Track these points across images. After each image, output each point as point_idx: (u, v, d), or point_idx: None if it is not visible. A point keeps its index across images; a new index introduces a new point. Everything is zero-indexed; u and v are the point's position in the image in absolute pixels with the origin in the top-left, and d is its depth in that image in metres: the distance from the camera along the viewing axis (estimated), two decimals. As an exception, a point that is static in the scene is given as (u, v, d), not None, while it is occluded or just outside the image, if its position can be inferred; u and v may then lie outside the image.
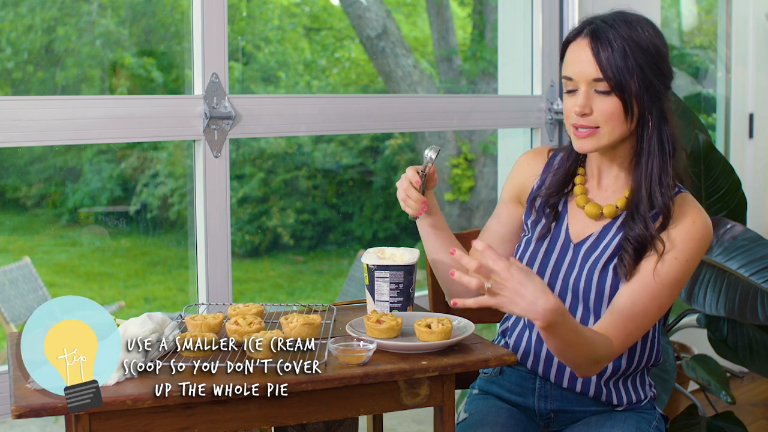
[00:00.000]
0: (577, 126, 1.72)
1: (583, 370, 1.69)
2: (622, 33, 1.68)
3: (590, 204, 1.79)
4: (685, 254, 1.71)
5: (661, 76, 1.71)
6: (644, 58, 1.68)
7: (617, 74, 1.67)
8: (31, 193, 5.45)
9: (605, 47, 1.68)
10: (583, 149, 1.74)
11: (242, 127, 2.34)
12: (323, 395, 1.48)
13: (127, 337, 1.52)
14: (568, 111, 1.73)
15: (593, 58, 1.68)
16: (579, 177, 1.83)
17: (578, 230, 1.81)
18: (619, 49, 1.67)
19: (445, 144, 5.86)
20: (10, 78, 5.03)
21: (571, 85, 1.72)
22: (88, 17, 5.28)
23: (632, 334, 1.69)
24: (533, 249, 1.83)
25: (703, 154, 2.53)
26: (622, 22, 1.70)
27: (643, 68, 1.68)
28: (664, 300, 1.71)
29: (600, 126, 1.70)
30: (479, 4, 6.03)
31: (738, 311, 2.25)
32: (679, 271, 1.70)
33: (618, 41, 1.68)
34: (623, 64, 1.67)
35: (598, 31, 1.69)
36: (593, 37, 1.69)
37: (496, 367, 1.92)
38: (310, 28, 6.46)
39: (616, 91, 1.68)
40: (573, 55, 1.72)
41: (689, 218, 1.72)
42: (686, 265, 1.71)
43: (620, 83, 1.67)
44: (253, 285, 6.05)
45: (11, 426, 3.63)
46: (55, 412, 1.32)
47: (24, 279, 4.58)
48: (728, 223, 2.43)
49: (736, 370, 3.34)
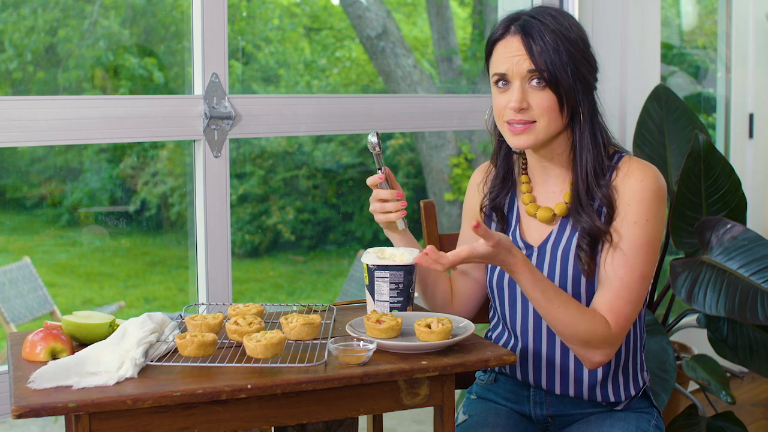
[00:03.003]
0: (512, 122, 1.71)
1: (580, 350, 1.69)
2: (551, 27, 1.69)
3: (541, 209, 1.79)
4: (643, 215, 1.70)
5: (590, 68, 1.72)
6: (574, 50, 1.69)
7: (551, 67, 1.67)
8: (32, 193, 5.45)
9: (537, 41, 1.68)
10: (520, 145, 1.73)
11: (242, 127, 2.34)
12: (323, 395, 1.48)
13: (127, 337, 1.53)
14: (502, 108, 1.72)
15: (526, 52, 1.68)
16: (524, 185, 1.83)
17: (536, 234, 1.81)
18: (550, 42, 1.68)
19: (445, 144, 5.86)
20: (11, 78, 5.03)
21: (502, 82, 1.72)
22: (90, 18, 5.28)
23: (623, 310, 1.68)
24: (500, 268, 1.82)
25: (703, 154, 2.52)
26: (547, 16, 1.71)
27: (574, 60, 1.68)
28: (642, 266, 1.69)
29: (537, 120, 1.70)
30: (479, 4, 6.03)
31: (738, 311, 2.25)
32: (644, 233, 1.69)
33: (548, 35, 1.68)
34: (556, 57, 1.67)
35: (528, 26, 1.69)
36: (524, 33, 1.69)
37: (491, 375, 1.92)
38: (310, 28, 6.46)
39: (551, 84, 1.68)
40: (504, 51, 1.71)
41: (636, 177, 1.71)
42: (648, 224, 1.70)
43: (555, 76, 1.68)
44: (253, 285, 6.05)
45: (11, 426, 3.63)
46: (55, 412, 1.32)
47: (24, 279, 4.58)
48: (728, 223, 2.43)
49: (736, 370, 3.34)
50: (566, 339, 1.69)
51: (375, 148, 1.78)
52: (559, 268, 1.75)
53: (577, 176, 1.74)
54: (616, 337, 1.69)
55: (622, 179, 1.72)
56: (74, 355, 1.49)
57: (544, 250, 1.78)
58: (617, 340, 1.70)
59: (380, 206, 1.81)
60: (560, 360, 1.78)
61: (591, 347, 1.68)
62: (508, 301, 1.82)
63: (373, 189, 1.81)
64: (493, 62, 1.75)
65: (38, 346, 1.53)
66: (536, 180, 1.83)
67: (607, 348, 1.69)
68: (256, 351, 1.45)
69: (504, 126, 1.73)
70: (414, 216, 2.25)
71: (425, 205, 2.13)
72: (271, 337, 1.47)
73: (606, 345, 1.69)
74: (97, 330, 1.61)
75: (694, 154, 2.52)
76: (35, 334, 1.55)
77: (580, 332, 1.66)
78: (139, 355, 1.46)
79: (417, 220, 2.19)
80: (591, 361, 1.71)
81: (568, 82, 1.68)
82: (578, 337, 1.67)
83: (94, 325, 1.61)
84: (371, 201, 1.82)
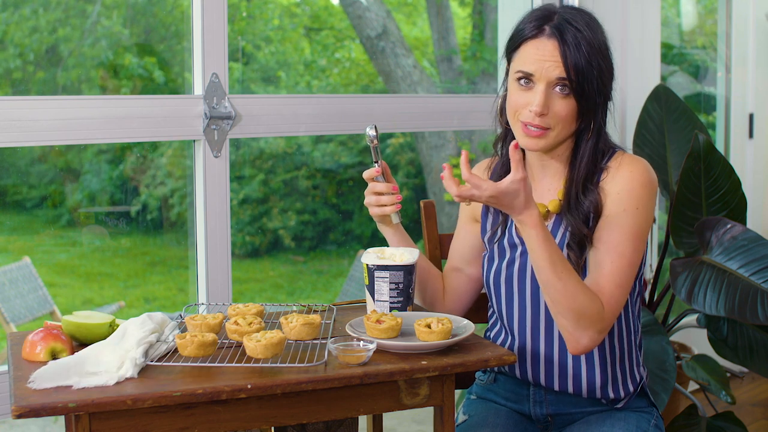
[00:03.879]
0: (529, 124, 1.70)
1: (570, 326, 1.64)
2: (586, 36, 1.67)
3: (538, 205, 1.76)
4: (633, 203, 1.70)
5: (611, 79, 1.73)
6: (602, 62, 1.69)
7: (581, 77, 1.66)
8: (32, 193, 5.45)
9: (572, 51, 1.66)
10: (530, 147, 1.72)
11: (242, 127, 2.34)
12: (323, 395, 1.48)
13: (127, 337, 1.53)
14: (520, 106, 1.71)
15: (561, 59, 1.66)
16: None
17: None
18: (584, 54, 1.66)
19: (445, 144, 5.86)
20: (11, 78, 5.03)
21: (525, 80, 1.70)
22: (91, 18, 5.28)
23: (614, 293, 1.67)
24: (497, 265, 1.82)
25: (703, 154, 2.52)
26: (581, 21, 1.69)
27: (601, 73, 1.68)
28: (631, 255, 1.69)
29: (552, 128, 1.69)
30: (479, 4, 6.03)
31: (738, 311, 2.25)
32: (633, 222, 1.69)
33: (584, 45, 1.67)
34: (588, 69, 1.67)
35: (565, 31, 1.67)
36: (561, 38, 1.67)
37: (490, 375, 1.92)
38: (310, 28, 6.46)
39: (577, 95, 1.67)
40: (535, 52, 1.68)
41: (626, 170, 1.72)
42: (638, 213, 1.70)
43: (582, 87, 1.67)
44: (253, 285, 6.05)
45: (11, 426, 3.63)
46: (55, 412, 1.32)
47: (24, 279, 4.58)
48: (728, 223, 2.43)
49: (736, 370, 3.34)
50: (561, 311, 1.64)
51: (372, 140, 1.79)
52: None
53: (572, 180, 1.75)
54: (606, 321, 1.66)
55: (612, 177, 1.73)
56: (74, 355, 1.49)
57: None
58: (607, 324, 1.67)
59: (375, 199, 1.81)
60: (558, 357, 1.78)
61: (582, 326, 1.64)
62: (505, 297, 1.82)
63: (369, 182, 1.81)
64: (519, 58, 1.72)
65: (38, 346, 1.53)
66: (533, 175, 1.82)
67: (595, 330, 1.65)
68: (256, 351, 1.45)
69: (518, 124, 1.72)
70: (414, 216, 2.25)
71: (425, 205, 2.13)
72: (271, 337, 1.47)
73: (595, 325, 1.64)
74: (97, 330, 1.61)
75: (694, 154, 2.52)
76: (35, 334, 1.55)
77: (576, 305, 1.62)
78: (139, 355, 1.46)
79: (417, 220, 2.19)
80: (578, 343, 1.66)
81: (593, 94, 1.68)
82: (574, 309, 1.62)
83: (94, 325, 1.61)
84: (366, 194, 1.82)
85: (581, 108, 1.69)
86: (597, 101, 1.70)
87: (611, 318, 1.68)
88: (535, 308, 1.78)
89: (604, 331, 1.68)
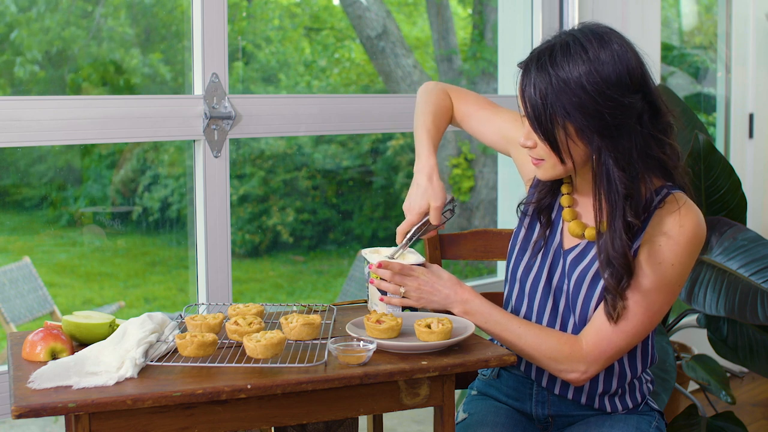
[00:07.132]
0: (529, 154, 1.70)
1: (552, 369, 1.68)
2: (550, 71, 1.56)
3: (575, 222, 1.73)
4: (671, 258, 1.62)
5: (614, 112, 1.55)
6: (571, 98, 1.55)
7: (536, 113, 1.59)
8: (32, 193, 5.45)
9: (528, 87, 1.59)
10: (537, 176, 1.72)
11: (242, 127, 2.34)
12: (323, 395, 1.48)
13: (127, 337, 1.53)
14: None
15: (521, 94, 1.62)
16: (565, 186, 1.76)
17: (570, 237, 1.78)
18: (539, 89, 1.57)
19: (445, 144, 5.86)
20: (13, 78, 5.04)
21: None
22: (96, 18, 5.28)
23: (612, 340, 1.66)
24: (527, 260, 1.81)
25: (703, 154, 2.53)
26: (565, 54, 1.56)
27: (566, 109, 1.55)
28: (657, 306, 1.65)
29: (544, 159, 1.66)
30: (479, 4, 6.03)
31: (738, 311, 2.25)
32: (665, 276, 1.63)
33: (542, 80, 1.56)
34: (542, 105, 1.57)
35: (529, 66, 1.60)
36: (525, 72, 1.60)
37: (494, 370, 1.92)
38: (310, 28, 6.46)
39: (536, 130, 1.61)
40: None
41: (674, 221, 1.62)
42: (672, 269, 1.63)
43: (539, 122, 1.59)
44: (253, 285, 6.05)
45: (11, 426, 3.63)
46: (55, 412, 1.32)
47: (24, 279, 4.58)
48: (728, 223, 2.43)
49: (736, 370, 3.34)
50: (534, 359, 1.69)
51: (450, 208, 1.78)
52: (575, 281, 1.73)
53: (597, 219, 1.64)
54: (590, 358, 1.66)
55: (661, 217, 1.63)
56: (74, 355, 1.49)
57: (567, 255, 1.75)
58: (593, 359, 1.66)
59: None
60: None
61: (562, 367, 1.68)
62: (517, 293, 1.82)
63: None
64: None
65: (38, 346, 1.53)
66: (580, 190, 1.76)
67: (578, 371, 1.67)
68: (256, 351, 1.45)
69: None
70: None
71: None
72: (271, 337, 1.47)
73: (576, 364, 1.66)
74: (97, 330, 1.61)
75: (694, 154, 2.52)
76: (35, 334, 1.55)
77: (544, 350, 1.67)
78: (139, 355, 1.46)
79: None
80: (569, 379, 1.70)
81: (552, 131, 1.58)
82: (545, 356, 1.67)
83: (94, 325, 1.61)
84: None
85: (555, 149, 1.61)
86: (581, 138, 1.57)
87: (597, 355, 1.66)
88: (552, 313, 1.77)
89: (594, 364, 1.67)
